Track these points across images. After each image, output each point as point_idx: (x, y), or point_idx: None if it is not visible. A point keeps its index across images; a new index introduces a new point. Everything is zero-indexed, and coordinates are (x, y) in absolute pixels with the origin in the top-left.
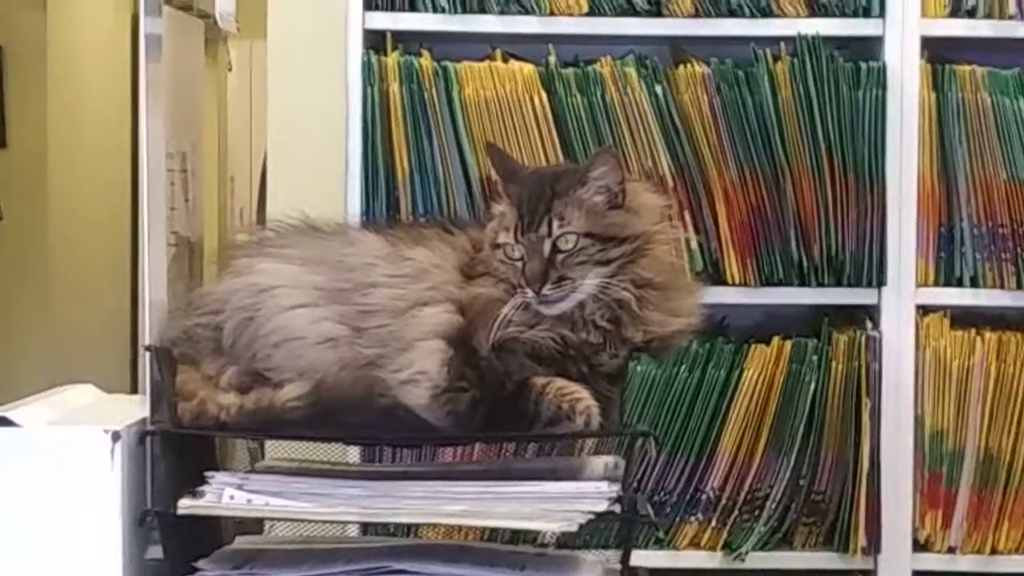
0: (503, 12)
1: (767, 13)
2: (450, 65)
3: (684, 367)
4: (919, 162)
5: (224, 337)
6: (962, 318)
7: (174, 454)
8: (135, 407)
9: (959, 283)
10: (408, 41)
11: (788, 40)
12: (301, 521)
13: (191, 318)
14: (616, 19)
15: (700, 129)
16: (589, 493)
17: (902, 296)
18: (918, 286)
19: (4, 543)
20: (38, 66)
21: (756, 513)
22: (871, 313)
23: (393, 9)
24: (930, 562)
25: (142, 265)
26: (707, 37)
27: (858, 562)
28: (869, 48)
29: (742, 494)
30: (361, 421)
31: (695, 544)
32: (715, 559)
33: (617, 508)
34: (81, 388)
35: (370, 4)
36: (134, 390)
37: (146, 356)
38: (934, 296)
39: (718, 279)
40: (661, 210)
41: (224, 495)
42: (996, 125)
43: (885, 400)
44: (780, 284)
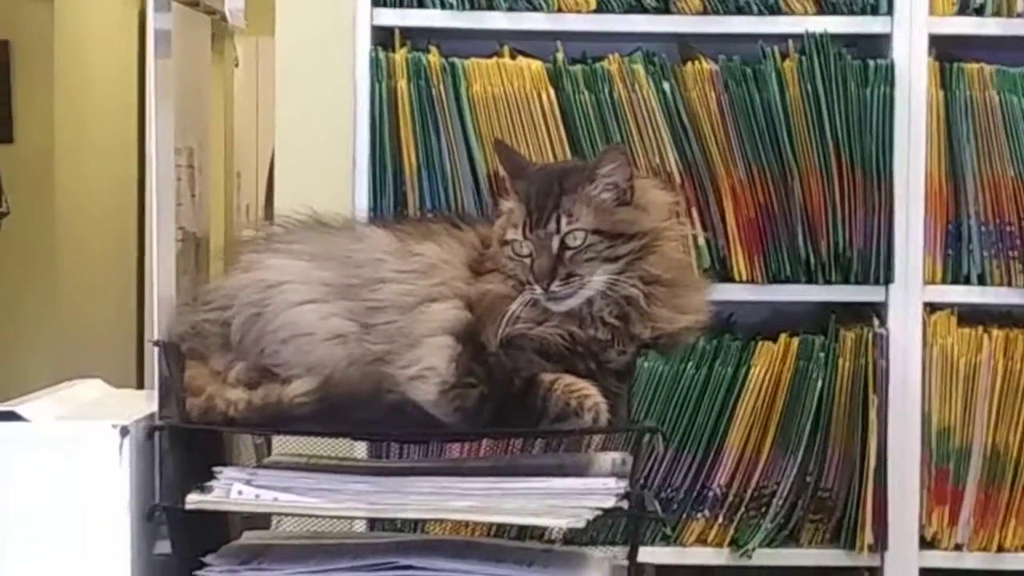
0: (511, 9)
1: (775, 11)
2: (458, 62)
3: (691, 364)
4: (927, 159)
5: (232, 333)
6: (969, 315)
7: (182, 449)
8: (143, 402)
9: (966, 280)
10: (416, 37)
11: (796, 38)
12: (309, 516)
13: (199, 313)
14: (624, 16)
15: (708, 126)
16: (596, 489)
17: (909, 293)
18: (925, 283)
19: (13, 538)
20: (45, 61)
21: (763, 510)
22: (878, 310)
23: (401, 6)
24: (937, 559)
25: (150, 260)
26: (715, 34)
27: (865, 559)
28: (877, 46)
29: (749, 491)
30: (369, 417)
31: (702, 540)
32: (722, 555)
33: (624, 504)
34: (89, 383)
35: (378, 0)
36: (140, 385)
37: (154, 351)
38: (941, 293)
39: (725, 276)
40: (669, 207)
41: (232, 490)
42: (1004, 123)
43: (892, 397)
44: (787, 281)
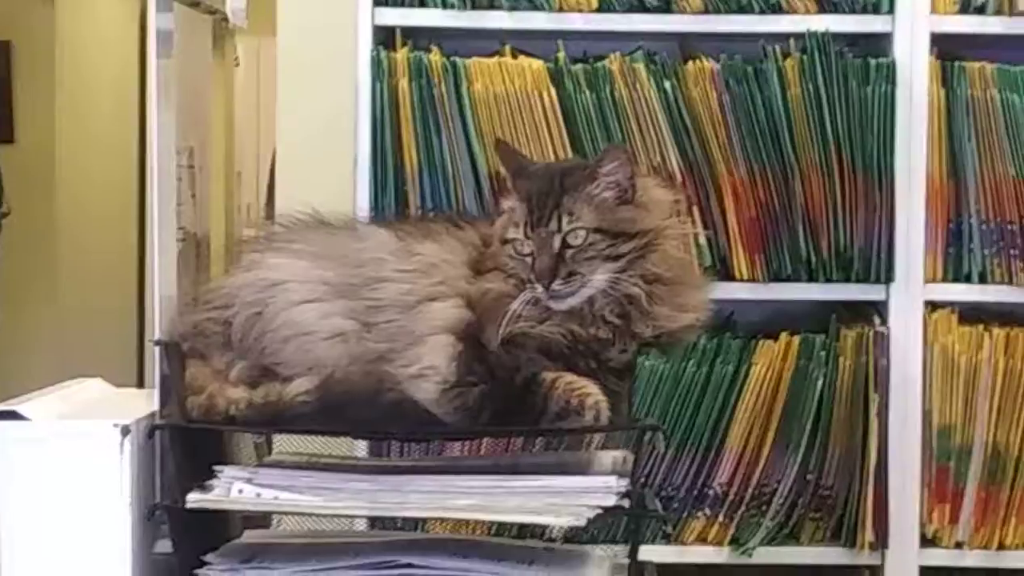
0: (512, 8)
1: (776, 9)
2: (459, 61)
3: (692, 362)
4: (928, 158)
5: (233, 332)
6: (970, 314)
7: (183, 448)
8: (144, 401)
9: (967, 279)
10: (417, 37)
11: (798, 36)
12: (309, 515)
13: (200, 313)
14: (625, 15)
15: (709, 125)
16: (597, 488)
17: (910, 292)
18: (926, 282)
19: (14, 536)
20: (46, 61)
21: (763, 508)
22: (879, 309)
23: (403, 5)
24: (937, 557)
25: (151, 260)
26: (716, 33)
27: (865, 557)
28: (878, 44)
29: (750, 489)
30: (369, 416)
31: (702, 539)
32: (723, 554)
33: (625, 503)
34: (90, 382)
35: (380, 0)
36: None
37: (155, 350)
38: (942, 292)
39: (726, 275)
40: (671, 205)
41: (233, 489)
42: (1005, 121)
43: (893, 396)
44: (788, 280)
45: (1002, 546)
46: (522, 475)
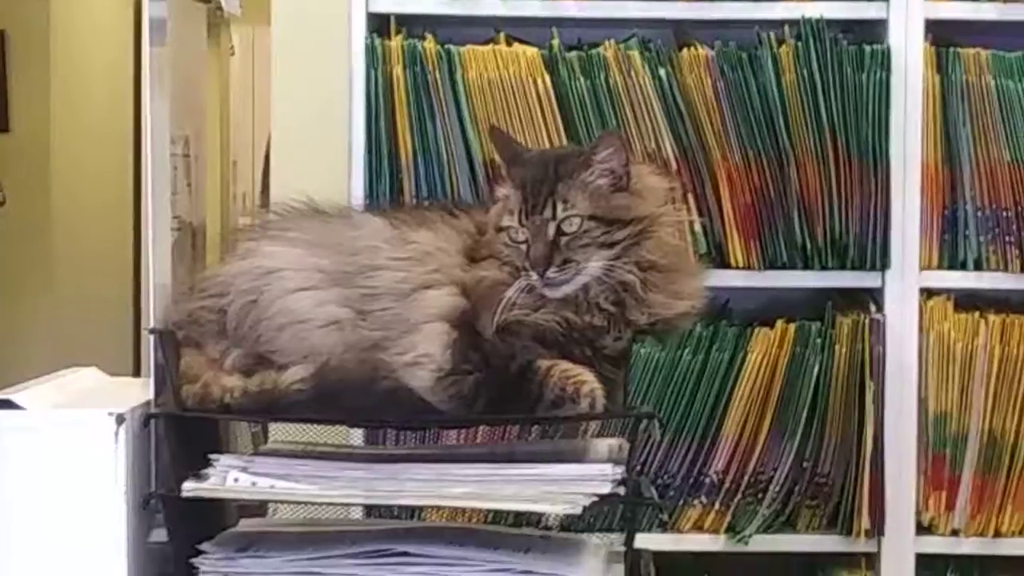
0: None
1: None
2: (454, 48)
3: (688, 350)
4: (923, 145)
5: (228, 320)
6: (966, 301)
7: (178, 437)
8: (139, 390)
9: (963, 266)
10: (412, 24)
11: (792, 23)
12: (305, 504)
13: (195, 301)
14: (620, 2)
15: (704, 112)
16: (593, 476)
17: (906, 279)
18: (922, 269)
19: (8, 526)
20: (41, 51)
21: (759, 496)
22: (875, 296)
23: None
24: (933, 545)
25: (146, 249)
26: (711, 20)
27: (861, 545)
28: (873, 31)
29: (746, 477)
30: (365, 404)
31: (699, 527)
32: (719, 542)
33: (621, 491)
34: (85, 371)
35: None
36: (136, 373)
37: (150, 339)
38: (938, 279)
39: (722, 262)
40: (666, 192)
41: (228, 478)
42: (1000, 108)
43: (889, 383)
44: (784, 267)
45: (998, 533)
46: (518, 463)
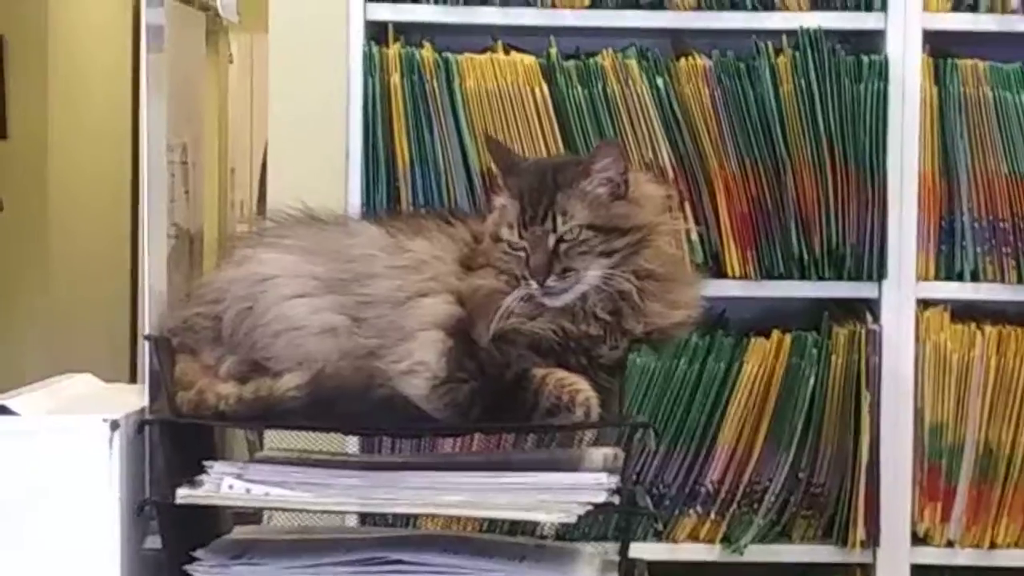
0: (504, 4)
1: (769, 6)
2: (451, 57)
3: (684, 359)
4: (920, 156)
5: (224, 327)
6: (962, 312)
7: (173, 443)
8: (134, 396)
9: (959, 277)
10: (409, 32)
11: (790, 33)
12: (300, 511)
13: (191, 308)
14: (618, 11)
15: (701, 122)
16: (588, 485)
17: (902, 290)
18: (918, 280)
19: (3, 531)
20: (39, 56)
21: (755, 506)
22: (871, 307)
23: (395, 1)
24: (929, 556)
25: (142, 255)
26: (709, 30)
27: (857, 555)
28: (871, 41)
29: (741, 487)
30: (360, 411)
31: (694, 537)
32: (714, 552)
33: (616, 500)
34: (80, 377)
35: None
36: (133, 379)
37: (145, 346)
38: (934, 290)
39: (718, 272)
40: (663, 201)
41: (223, 484)
42: (997, 119)
43: (885, 394)
44: (780, 277)
45: (993, 545)
46: (513, 471)
